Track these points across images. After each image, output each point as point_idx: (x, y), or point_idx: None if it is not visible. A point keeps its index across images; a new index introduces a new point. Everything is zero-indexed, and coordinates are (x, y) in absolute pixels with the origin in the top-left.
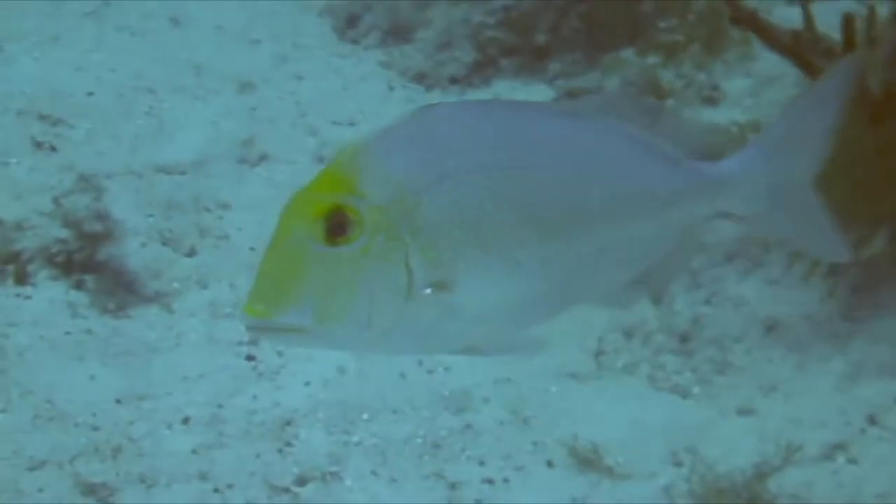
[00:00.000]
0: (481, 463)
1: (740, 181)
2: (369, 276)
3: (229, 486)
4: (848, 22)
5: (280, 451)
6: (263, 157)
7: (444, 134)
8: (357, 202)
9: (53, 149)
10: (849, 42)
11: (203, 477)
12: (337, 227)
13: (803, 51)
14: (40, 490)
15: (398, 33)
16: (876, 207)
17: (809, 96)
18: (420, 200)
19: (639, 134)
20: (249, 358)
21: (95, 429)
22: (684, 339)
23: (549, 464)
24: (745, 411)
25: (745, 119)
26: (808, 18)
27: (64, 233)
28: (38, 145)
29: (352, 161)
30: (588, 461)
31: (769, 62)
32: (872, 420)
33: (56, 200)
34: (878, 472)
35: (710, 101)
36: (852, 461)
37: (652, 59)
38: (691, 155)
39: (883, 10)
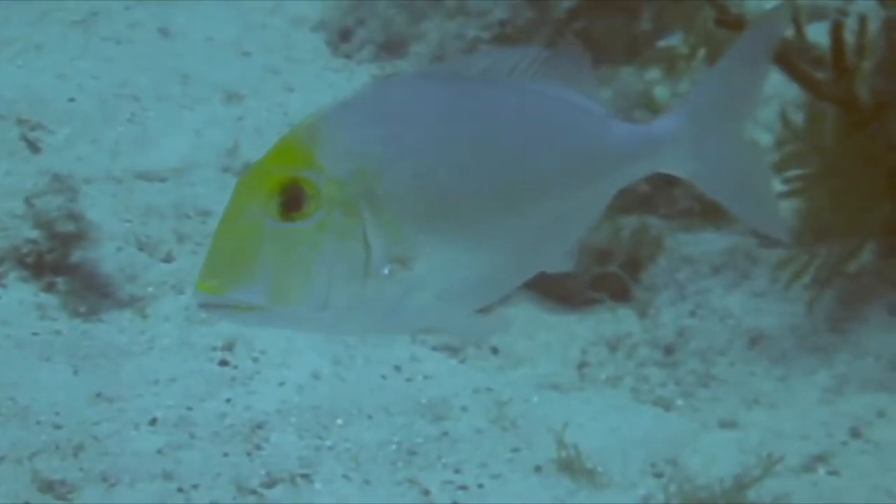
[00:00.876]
0: (457, 471)
1: (671, 141)
2: (326, 252)
3: (194, 487)
4: (836, 30)
5: (249, 453)
6: (248, 166)
7: (400, 106)
8: (314, 175)
9: (31, 153)
10: (838, 50)
11: (168, 476)
12: (292, 201)
13: (792, 58)
14: None
15: (392, 48)
16: (863, 219)
17: (735, 54)
18: (379, 174)
19: (576, 98)
20: (223, 363)
21: (58, 427)
22: (669, 351)
23: (526, 472)
24: (727, 424)
25: None
26: (797, 26)
27: (35, 234)
28: (15, 149)
29: (309, 133)
30: (566, 470)
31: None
32: (856, 433)
33: (28, 202)
34: (858, 483)
35: None
36: (833, 473)
37: (650, 76)
38: (625, 116)
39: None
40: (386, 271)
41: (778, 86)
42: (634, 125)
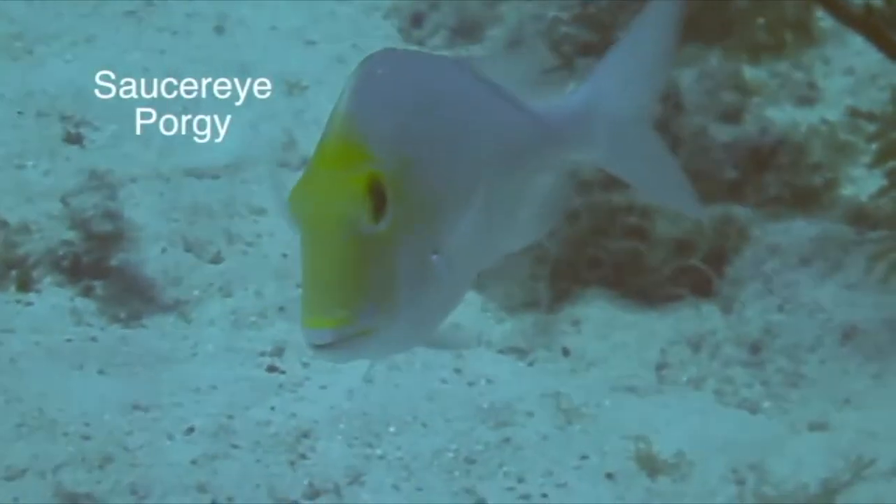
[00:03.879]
0: (520, 480)
1: (574, 125)
2: (403, 252)
3: (229, 500)
4: None
5: (292, 463)
6: (306, 161)
7: (403, 91)
8: (382, 168)
9: (74, 151)
10: None
11: (202, 489)
12: (380, 201)
13: (880, 26)
14: (15, 500)
15: (466, 32)
16: None
17: (638, 30)
18: (411, 161)
19: (498, 87)
20: (272, 369)
21: (86, 438)
22: (755, 349)
23: (595, 481)
24: (816, 426)
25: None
26: None
27: (71, 235)
28: (56, 147)
29: (350, 129)
30: (637, 478)
31: (871, 59)
32: None
33: (64, 201)
34: None
35: (806, 101)
36: None
37: (743, 57)
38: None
39: None
40: (435, 261)
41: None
42: (542, 114)
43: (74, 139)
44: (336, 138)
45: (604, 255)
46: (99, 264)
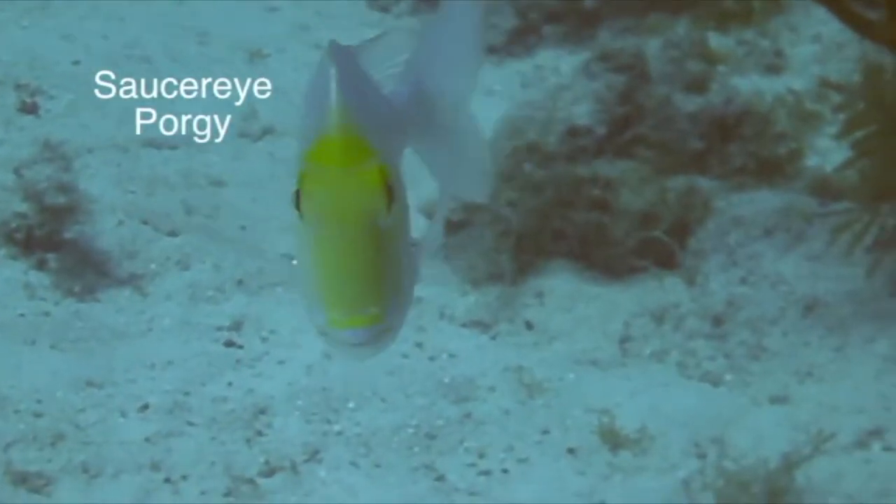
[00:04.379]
0: (481, 455)
1: (410, 112)
2: (402, 243)
3: (183, 478)
4: None
5: (248, 440)
6: (268, 132)
7: (360, 83)
8: (383, 161)
9: (30, 120)
10: None
11: (155, 467)
12: (391, 194)
13: None
14: None
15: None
16: None
17: (443, 15)
18: (387, 152)
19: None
20: (229, 344)
21: (38, 416)
22: (718, 322)
23: (557, 455)
24: (778, 399)
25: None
26: None
27: (24, 207)
28: (11, 116)
29: (349, 123)
30: (599, 452)
31: (838, 27)
32: None
33: (18, 172)
34: None
35: (772, 70)
36: (888, 449)
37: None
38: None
39: None
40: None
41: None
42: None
43: (30, 108)
44: (339, 133)
45: (568, 227)
46: (53, 237)
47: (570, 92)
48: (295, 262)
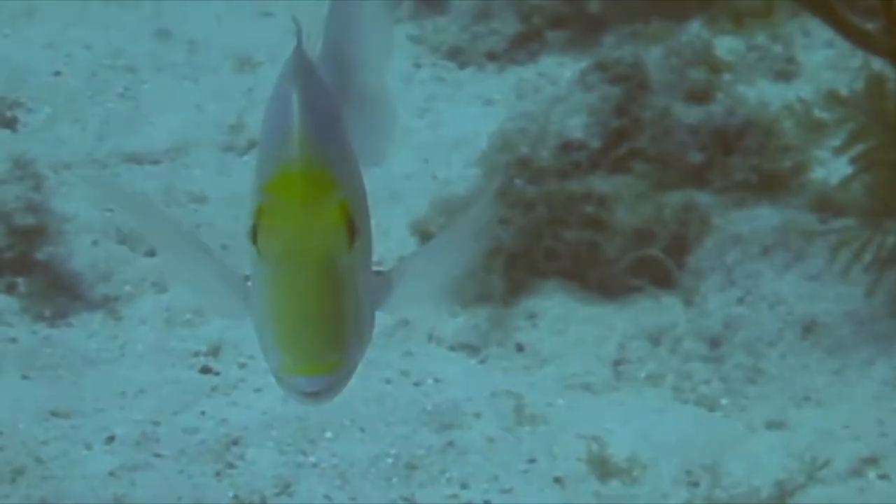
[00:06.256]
0: (463, 486)
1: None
2: (363, 277)
3: None
4: None
5: (218, 473)
6: (255, 145)
7: (319, 104)
8: (345, 195)
9: (6, 134)
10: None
11: (118, 502)
12: (352, 228)
13: (833, 6)
14: None
15: (432, 3)
16: None
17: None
18: (350, 182)
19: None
20: (205, 370)
21: None
22: (715, 343)
23: (542, 485)
24: (774, 424)
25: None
26: None
27: None
28: None
29: (311, 154)
30: (587, 481)
31: None
32: None
33: None
34: None
35: (783, 76)
36: (883, 477)
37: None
38: None
39: None
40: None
41: None
42: None
43: (8, 122)
44: (302, 166)
45: (560, 246)
46: (23, 259)
47: (565, 104)
48: (250, 290)
